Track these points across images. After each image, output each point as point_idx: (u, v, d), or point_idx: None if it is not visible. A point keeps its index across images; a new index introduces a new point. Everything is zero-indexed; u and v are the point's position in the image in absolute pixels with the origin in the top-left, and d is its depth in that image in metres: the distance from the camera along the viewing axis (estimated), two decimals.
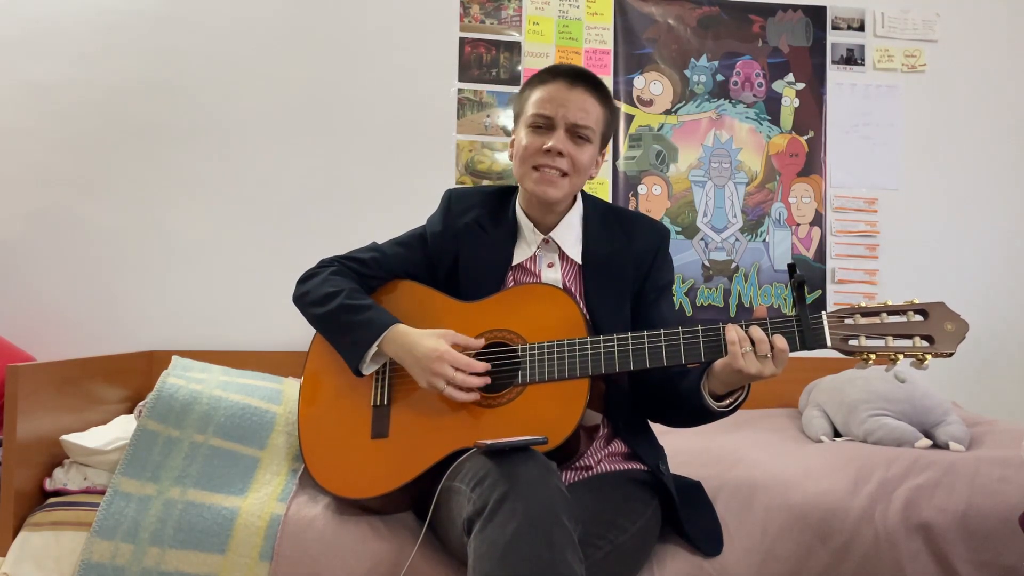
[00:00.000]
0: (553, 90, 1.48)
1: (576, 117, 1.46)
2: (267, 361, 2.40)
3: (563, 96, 1.47)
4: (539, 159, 1.47)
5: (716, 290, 2.78)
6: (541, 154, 1.47)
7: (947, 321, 1.26)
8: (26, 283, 2.48)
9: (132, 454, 1.60)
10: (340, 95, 2.65)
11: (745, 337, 1.28)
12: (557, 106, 1.46)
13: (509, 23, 2.74)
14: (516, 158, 1.52)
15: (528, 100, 1.51)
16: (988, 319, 2.82)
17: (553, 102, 1.47)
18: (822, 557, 1.51)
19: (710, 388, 1.37)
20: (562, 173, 1.48)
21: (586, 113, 1.47)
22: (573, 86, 1.48)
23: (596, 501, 1.38)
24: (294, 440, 1.73)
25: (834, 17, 2.87)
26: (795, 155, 2.84)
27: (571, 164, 1.48)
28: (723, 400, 1.38)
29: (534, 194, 1.50)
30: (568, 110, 1.46)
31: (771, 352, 1.28)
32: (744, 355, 1.27)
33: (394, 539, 1.47)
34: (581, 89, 1.48)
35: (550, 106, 1.47)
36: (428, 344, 1.40)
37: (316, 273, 1.58)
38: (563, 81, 1.48)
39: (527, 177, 1.50)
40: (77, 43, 2.53)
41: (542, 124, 1.48)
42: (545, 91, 1.48)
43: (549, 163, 1.46)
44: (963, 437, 1.99)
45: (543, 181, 1.48)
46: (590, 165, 1.52)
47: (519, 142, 1.52)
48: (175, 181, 2.56)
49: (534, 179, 1.48)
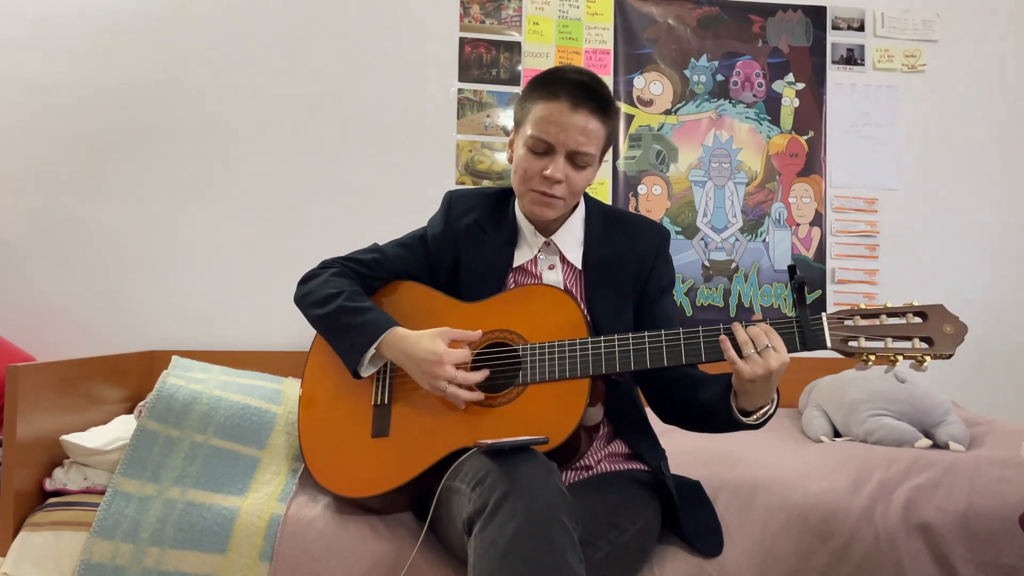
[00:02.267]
0: (555, 112, 1.41)
1: (576, 144, 1.41)
2: (267, 361, 2.40)
3: (564, 120, 1.40)
4: (537, 184, 1.45)
5: (716, 290, 2.78)
6: (540, 180, 1.44)
7: (946, 323, 1.26)
8: (26, 283, 2.48)
9: (132, 454, 1.60)
10: (340, 95, 2.65)
11: (747, 340, 1.28)
12: (558, 131, 1.40)
13: (509, 23, 2.74)
14: (515, 173, 1.49)
15: (529, 114, 1.45)
16: (988, 319, 2.82)
17: (555, 126, 1.41)
18: (822, 557, 1.51)
19: (738, 405, 1.36)
20: (555, 197, 1.46)
21: (587, 139, 1.42)
22: (576, 109, 1.40)
23: (596, 501, 1.38)
24: (294, 440, 1.73)
25: (834, 17, 2.88)
26: (795, 155, 2.84)
27: (568, 189, 1.45)
28: (750, 415, 1.37)
29: (531, 214, 1.51)
30: (568, 136, 1.40)
31: (769, 344, 1.28)
32: (747, 358, 1.28)
33: (394, 539, 1.47)
34: (584, 112, 1.41)
35: (552, 130, 1.41)
36: (426, 346, 1.40)
37: (317, 274, 1.58)
38: (566, 102, 1.40)
39: (524, 196, 1.49)
40: (77, 43, 2.53)
41: (541, 149, 1.44)
42: (547, 110, 1.41)
43: (546, 189, 1.44)
44: (963, 437, 1.99)
45: (539, 203, 1.47)
46: (587, 184, 1.50)
47: (517, 156, 1.49)
48: (175, 181, 2.56)
49: (531, 199, 1.48)
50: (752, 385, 1.29)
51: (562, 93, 1.41)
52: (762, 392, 1.31)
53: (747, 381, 1.28)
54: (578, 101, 1.41)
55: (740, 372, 1.28)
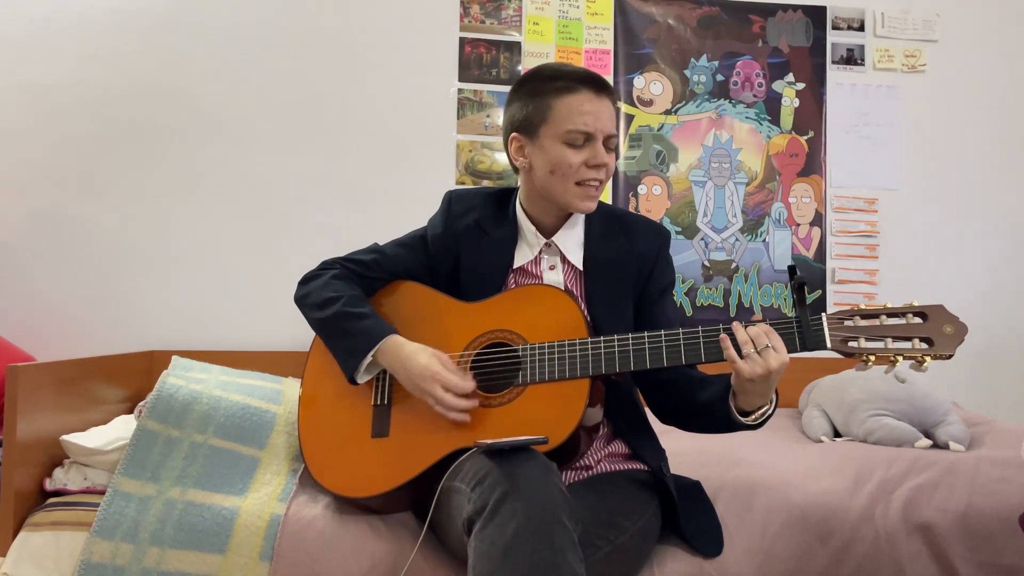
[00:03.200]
0: (585, 102, 1.44)
1: (610, 128, 1.46)
2: (267, 361, 2.40)
3: (596, 108, 1.44)
4: (585, 174, 1.45)
5: (716, 290, 2.78)
6: (587, 169, 1.45)
7: (946, 323, 1.26)
8: (26, 283, 2.48)
9: (132, 454, 1.60)
10: (340, 95, 2.65)
11: (748, 340, 1.28)
12: (594, 119, 1.43)
13: (509, 23, 2.74)
14: (552, 172, 1.46)
15: (550, 111, 1.44)
16: (988, 318, 2.82)
17: (589, 115, 1.43)
18: (822, 557, 1.51)
19: (737, 406, 1.36)
20: (601, 183, 1.49)
21: (613, 122, 1.48)
22: (599, 95, 1.45)
23: (596, 501, 1.38)
24: (294, 440, 1.73)
25: (834, 17, 2.88)
26: (795, 155, 2.84)
27: (607, 173, 1.49)
28: (749, 416, 1.37)
29: (578, 209, 1.49)
30: (602, 121, 1.44)
31: (769, 344, 1.28)
32: (747, 358, 1.28)
33: (394, 539, 1.47)
34: (605, 97, 1.46)
35: (588, 119, 1.43)
36: (421, 361, 1.41)
37: (318, 275, 1.58)
38: (589, 91, 1.44)
39: (568, 192, 1.47)
40: (77, 43, 2.53)
41: (580, 141, 1.44)
42: (576, 102, 1.43)
43: (595, 177, 1.46)
44: (963, 437, 1.99)
45: (588, 197, 1.47)
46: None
47: (550, 156, 1.45)
48: (175, 181, 2.57)
49: (577, 194, 1.47)
50: (751, 385, 1.29)
51: (578, 85, 1.45)
52: (761, 392, 1.31)
53: (746, 381, 1.28)
54: (598, 88, 1.46)
55: (740, 371, 1.28)
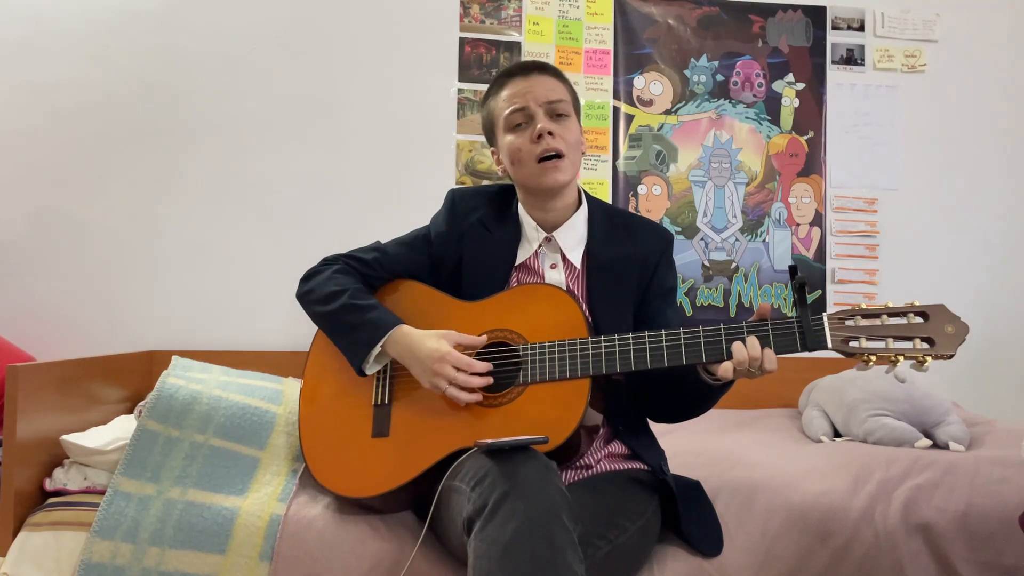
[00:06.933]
0: (514, 85, 1.53)
1: (546, 95, 1.50)
2: (267, 361, 2.40)
3: (525, 85, 1.51)
4: (535, 149, 1.48)
5: (716, 290, 2.78)
6: (534, 143, 1.48)
7: (947, 323, 1.26)
8: (26, 283, 2.48)
9: (132, 454, 1.60)
10: (340, 95, 2.65)
11: (746, 360, 1.28)
12: (525, 93, 1.51)
13: (509, 23, 2.74)
14: (512, 163, 1.52)
15: (495, 110, 1.55)
16: (988, 319, 2.82)
17: (519, 95, 1.51)
18: (822, 557, 1.51)
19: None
20: (559, 154, 1.48)
21: (553, 90, 1.52)
22: (528, 74, 1.53)
23: (596, 501, 1.38)
24: (294, 440, 1.73)
25: (834, 17, 2.87)
26: (795, 155, 2.84)
27: (563, 141, 1.50)
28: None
29: (547, 186, 1.50)
30: (535, 93, 1.50)
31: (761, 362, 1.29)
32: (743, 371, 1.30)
33: (394, 539, 1.47)
34: (535, 74, 1.53)
35: (520, 99, 1.50)
36: (430, 345, 1.41)
37: (320, 271, 1.58)
38: (518, 76, 1.53)
39: (533, 175, 1.50)
40: (77, 43, 2.53)
41: (521, 120, 1.50)
42: (506, 91, 1.53)
43: (545, 147, 1.47)
44: (963, 437, 1.99)
45: (547, 170, 1.49)
46: (579, 139, 1.55)
47: (507, 148, 1.52)
48: (175, 181, 2.56)
49: (538, 171, 1.49)
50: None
51: (506, 78, 1.55)
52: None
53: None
54: (526, 70, 1.54)
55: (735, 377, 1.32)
